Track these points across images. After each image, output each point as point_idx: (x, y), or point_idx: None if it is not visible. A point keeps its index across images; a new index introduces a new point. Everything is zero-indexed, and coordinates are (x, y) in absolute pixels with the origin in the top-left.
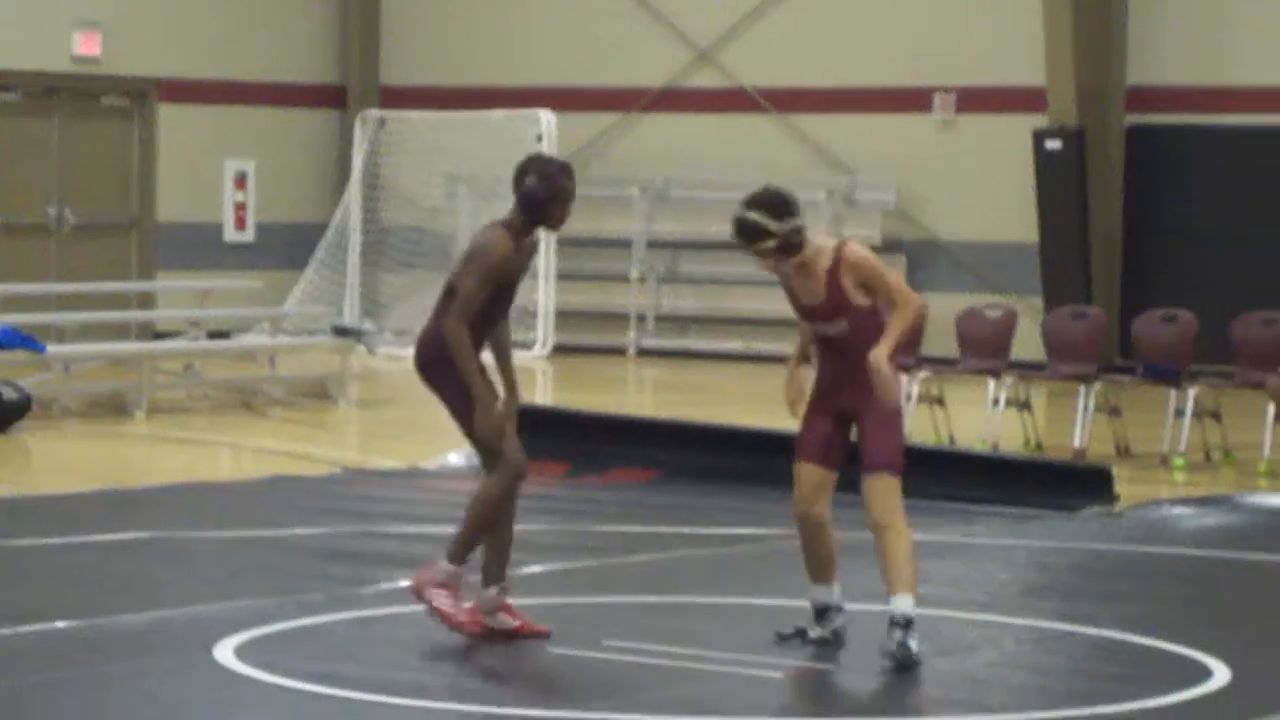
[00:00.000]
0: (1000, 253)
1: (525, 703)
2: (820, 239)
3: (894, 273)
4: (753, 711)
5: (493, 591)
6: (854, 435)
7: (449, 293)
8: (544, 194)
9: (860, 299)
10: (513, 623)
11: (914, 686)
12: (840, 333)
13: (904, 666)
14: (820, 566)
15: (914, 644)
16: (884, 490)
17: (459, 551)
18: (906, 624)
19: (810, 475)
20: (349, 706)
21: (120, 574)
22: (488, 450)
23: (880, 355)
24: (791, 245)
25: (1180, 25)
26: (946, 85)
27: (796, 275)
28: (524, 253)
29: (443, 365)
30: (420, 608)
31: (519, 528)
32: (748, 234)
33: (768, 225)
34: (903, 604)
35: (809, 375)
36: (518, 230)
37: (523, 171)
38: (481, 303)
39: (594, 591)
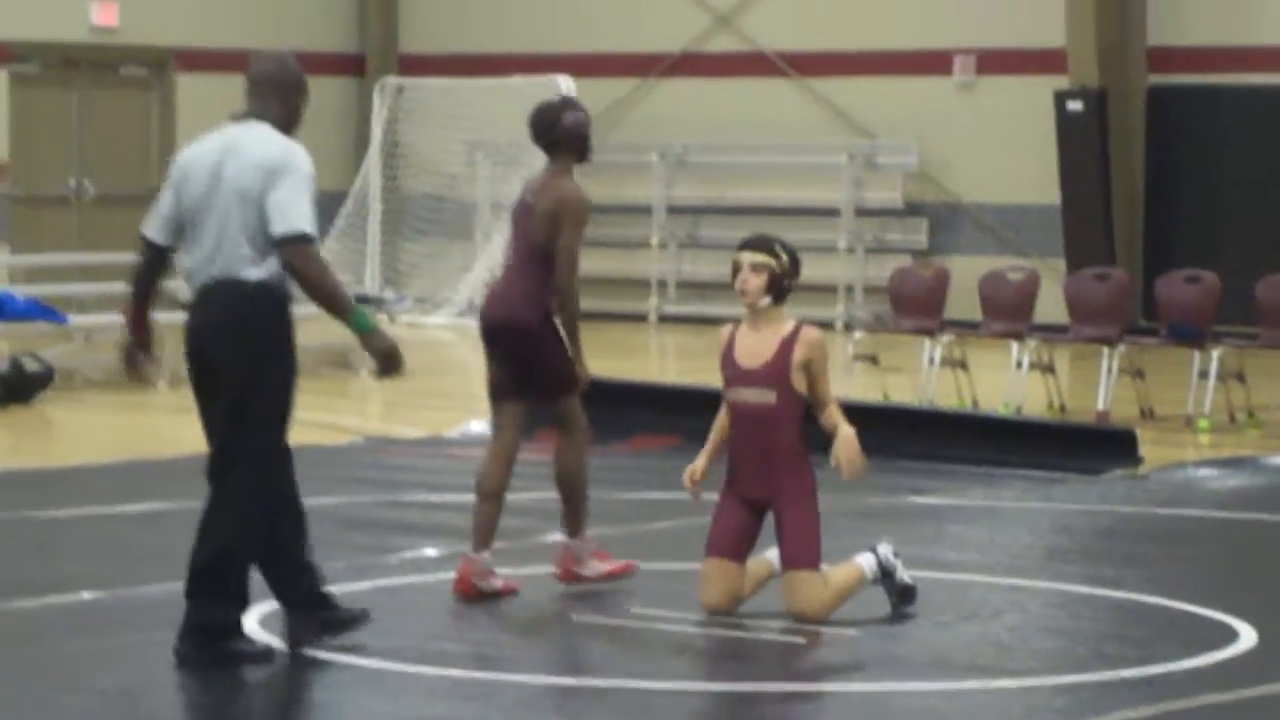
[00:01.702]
0: (1022, 215)
1: (551, 670)
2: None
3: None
4: (779, 676)
5: (583, 541)
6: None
7: (533, 252)
8: (586, 125)
9: (797, 380)
10: (604, 567)
11: (939, 650)
12: (766, 405)
13: (906, 597)
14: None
15: (906, 577)
16: (809, 587)
17: (578, 524)
18: (888, 572)
19: (719, 572)
20: (373, 675)
21: (145, 545)
22: (573, 412)
23: (850, 435)
24: (782, 284)
25: None
26: (967, 47)
27: (751, 328)
28: None
29: (544, 327)
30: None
31: (543, 495)
32: (761, 243)
33: (781, 253)
34: (868, 566)
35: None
36: (572, 176)
37: (548, 120)
38: None
39: (619, 559)
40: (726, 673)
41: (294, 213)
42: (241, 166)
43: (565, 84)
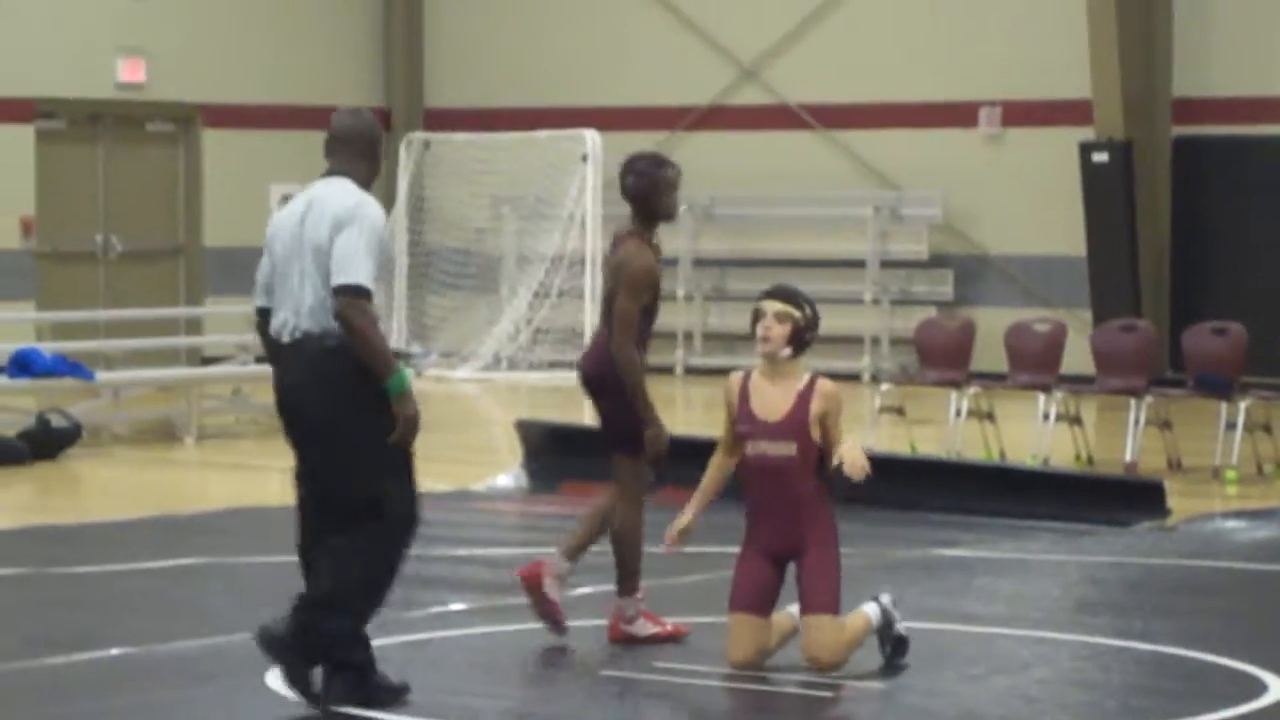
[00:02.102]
0: (1048, 266)
1: None
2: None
3: None
4: None
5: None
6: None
7: (610, 306)
8: (646, 189)
9: (814, 431)
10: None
11: (968, 704)
12: (786, 457)
13: (900, 649)
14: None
15: (902, 629)
16: (829, 631)
17: (632, 581)
18: (888, 621)
19: (744, 627)
20: None
21: (172, 600)
22: (632, 471)
23: (854, 442)
24: (804, 336)
25: (1227, 35)
26: (992, 99)
27: (766, 380)
28: (658, 255)
29: (618, 381)
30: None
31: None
32: (787, 294)
33: (805, 306)
34: (874, 614)
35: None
36: (645, 235)
37: (620, 176)
38: (640, 317)
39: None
40: None
41: (352, 265)
42: (318, 221)
43: (591, 138)
